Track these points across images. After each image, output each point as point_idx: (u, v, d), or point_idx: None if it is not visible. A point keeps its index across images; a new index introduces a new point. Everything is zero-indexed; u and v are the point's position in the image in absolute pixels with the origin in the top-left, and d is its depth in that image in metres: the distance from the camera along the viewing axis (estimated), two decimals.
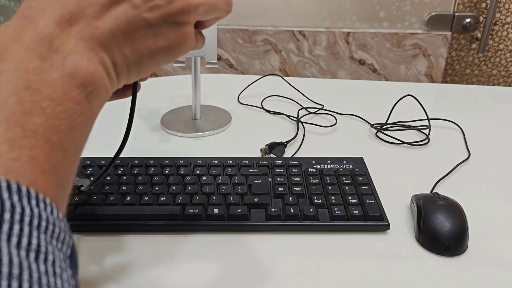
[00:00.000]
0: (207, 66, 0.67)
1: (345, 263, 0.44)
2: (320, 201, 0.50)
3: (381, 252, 0.46)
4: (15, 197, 0.19)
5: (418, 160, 0.64)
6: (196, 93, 0.74)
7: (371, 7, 1.34)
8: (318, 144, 0.69)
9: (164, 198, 0.50)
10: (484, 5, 1.34)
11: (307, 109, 0.82)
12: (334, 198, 0.51)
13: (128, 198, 0.50)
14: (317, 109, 0.81)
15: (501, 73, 1.42)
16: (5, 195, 0.19)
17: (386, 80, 1.42)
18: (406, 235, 0.49)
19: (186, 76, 0.98)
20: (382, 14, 1.35)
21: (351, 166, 0.57)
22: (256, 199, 0.50)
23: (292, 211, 0.49)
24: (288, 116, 0.79)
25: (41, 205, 0.20)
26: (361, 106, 0.83)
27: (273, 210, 0.49)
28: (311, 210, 0.49)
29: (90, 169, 0.56)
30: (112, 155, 0.40)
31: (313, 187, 0.53)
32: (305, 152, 0.66)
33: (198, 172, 0.55)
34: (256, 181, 0.53)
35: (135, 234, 0.48)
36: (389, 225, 0.48)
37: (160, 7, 0.27)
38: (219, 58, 1.42)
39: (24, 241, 0.19)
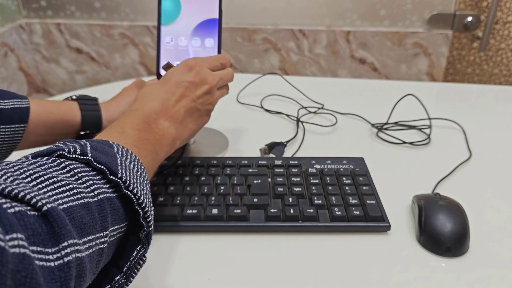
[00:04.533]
0: None
1: (345, 264, 0.44)
2: (320, 201, 0.50)
3: (381, 253, 0.46)
4: (136, 160, 0.37)
5: (419, 160, 0.64)
6: None
7: (371, 6, 1.33)
8: (318, 144, 0.69)
9: (162, 199, 0.50)
10: (485, 3, 1.33)
11: (307, 108, 0.81)
12: (335, 199, 0.50)
13: None
14: (317, 109, 0.81)
15: (503, 72, 1.41)
16: (128, 153, 0.36)
17: (387, 79, 1.41)
18: (407, 236, 0.48)
19: None
20: (382, 13, 1.34)
21: (351, 166, 0.57)
22: (255, 200, 0.50)
23: (292, 211, 0.48)
24: (288, 115, 0.78)
25: (143, 168, 0.37)
26: (361, 105, 0.83)
27: (272, 210, 0.48)
28: (311, 210, 0.48)
29: None
30: None
31: (313, 188, 0.52)
32: (305, 152, 0.66)
33: (196, 172, 0.55)
34: (255, 182, 0.53)
35: None
36: (390, 225, 0.48)
37: (204, 104, 0.50)
38: None
39: (137, 168, 0.36)
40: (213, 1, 0.55)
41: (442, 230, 0.45)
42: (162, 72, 0.55)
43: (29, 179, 0.27)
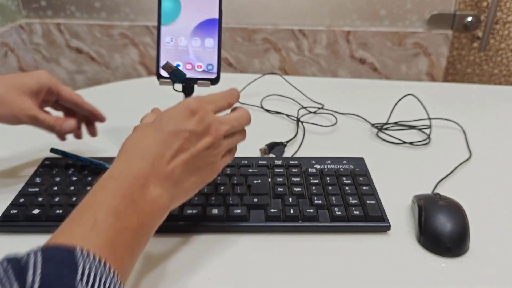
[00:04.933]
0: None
1: (345, 264, 0.44)
2: (320, 201, 0.50)
3: (381, 253, 0.46)
4: (109, 280, 0.29)
5: (419, 160, 0.64)
6: None
7: (371, 6, 1.33)
8: (318, 144, 0.69)
9: None
10: (485, 3, 1.33)
11: (307, 108, 0.81)
12: (335, 199, 0.50)
13: None
14: (317, 109, 0.81)
15: (503, 73, 1.41)
16: (98, 272, 0.29)
17: (387, 79, 1.41)
18: (407, 236, 0.48)
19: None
20: (382, 13, 1.34)
21: (351, 166, 0.57)
22: (255, 200, 0.50)
23: (292, 211, 0.48)
24: (288, 115, 0.78)
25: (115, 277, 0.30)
26: (361, 105, 0.83)
27: (272, 210, 0.48)
28: (311, 210, 0.48)
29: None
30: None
31: (313, 188, 0.52)
32: (305, 152, 0.66)
33: None
34: (255, 182, 0.53)
35: None
36: (389, 226, 0.48)
37: (205, 157, 0.41)
38: None
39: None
40: (213, 1, 0.55)
41: (442, 230, 0.45)
42: (162, 72, 0.55)
43: None
